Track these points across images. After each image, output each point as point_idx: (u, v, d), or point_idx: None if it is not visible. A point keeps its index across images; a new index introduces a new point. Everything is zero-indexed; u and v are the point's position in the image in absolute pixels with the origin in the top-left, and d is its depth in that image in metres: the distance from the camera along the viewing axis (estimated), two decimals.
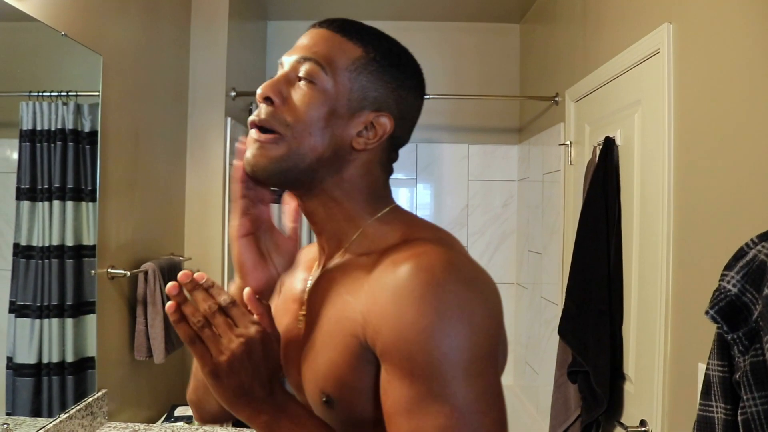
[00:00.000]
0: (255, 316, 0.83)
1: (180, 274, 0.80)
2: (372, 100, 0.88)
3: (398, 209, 0.95)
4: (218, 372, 0.79)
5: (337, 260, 0.93)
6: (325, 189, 0.91)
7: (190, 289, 0.81)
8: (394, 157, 0.97)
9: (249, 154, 0.89)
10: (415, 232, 0.87)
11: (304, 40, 0.91)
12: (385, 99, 0.89)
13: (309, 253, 1.09)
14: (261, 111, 0.88)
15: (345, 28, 0.90)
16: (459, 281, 0.75)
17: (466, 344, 0.73)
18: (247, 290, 0.84)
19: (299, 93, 0.87)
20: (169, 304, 0.80)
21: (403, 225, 0.90)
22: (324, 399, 0.85)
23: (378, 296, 0.78)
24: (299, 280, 1.04)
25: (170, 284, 0.79)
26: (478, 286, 0.78)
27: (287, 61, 0.91)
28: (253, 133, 0.89)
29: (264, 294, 0.94)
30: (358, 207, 0.92)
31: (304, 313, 0.96)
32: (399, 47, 0.93)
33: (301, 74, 0.88)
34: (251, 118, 0.89)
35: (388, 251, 0.83)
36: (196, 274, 0.82)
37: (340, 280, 0.88)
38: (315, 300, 0.93)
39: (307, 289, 0.98)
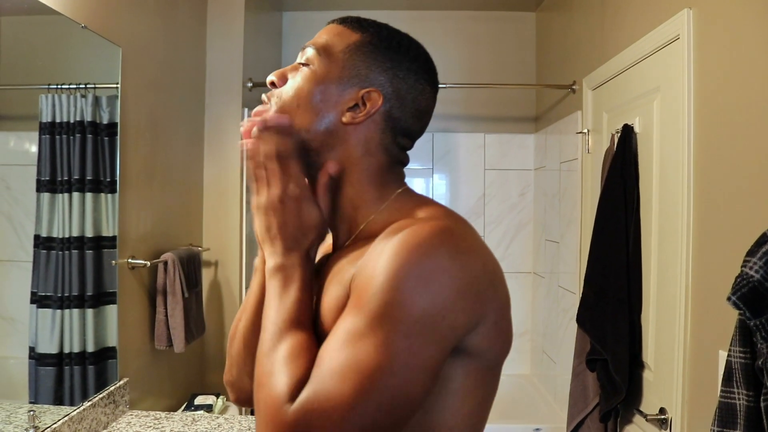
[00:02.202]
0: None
1: (261, 110, 0.95)
2: (363, 78, 0.92)
3: (408, 192, 0.97)
4: (258, 207, 0.90)
5: (348, 247, 0.95)
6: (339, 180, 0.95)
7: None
8: (404, 144, 0.98)
9: None
10: (425, 210, 0.89)
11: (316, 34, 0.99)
12: (377, 77, 0.93)
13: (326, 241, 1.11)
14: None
15: (348, 20, 0.97)
16: (439, 247, 0.77)
17: (413, 304, 0.74)
18: (329, 163, 0.92)
19: (297, 74, 0.96)
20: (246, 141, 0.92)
21: (413, 206, 0.91)
22: None
23: (368, 256, 0.81)
24: (320, 265, 1.06)
25: (246, 124, 0.92)
26: (461, 260, 0.78)
27: (299, 54, 0.99)
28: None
29: None
30: (365, 193, 0.95)
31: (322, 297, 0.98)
32: (401, 35, 0.97)
33: (301, 60, 0.96)
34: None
35: (391, 226, 0.84)
36: (271, 115, 0.93)
37: (344, 262, 0.90)
38: (325, 284, 0.94)
39: (321, 275, 1.00)
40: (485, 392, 0.85)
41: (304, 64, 0.95)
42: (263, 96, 0.99)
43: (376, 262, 0.77)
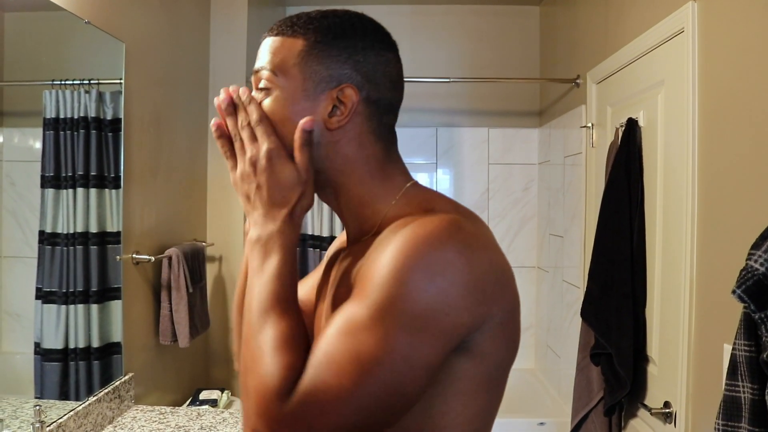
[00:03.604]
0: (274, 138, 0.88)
1: (232, 90, 0.93)
2: (328, 79, 0.89)
3: (417, 186, 0.95)
4: (235, 180, 0.91)
5: (363, 242, 0.93)
6: (329, 178, 0.93)
7: (236, 103, 0.92)
8: (389, 121, 0.95)
9: None
10: (436, 205, 0.87)
11: (258, 55, 0.95)
12: (340, 72, 0.89)
13: (342, 236, 1.11)
14: None
15: (284, 27, 0.92)
16: (447, 241, 0.76)
17: (417, 298, 0.73)
18: (305, 120, 0.88)
19: (264, 105, 0.91)
20: (215, 120, 0.93)
21: (423, 201, 0.89)
22: None
23: (374, 248, 0.81)
24: (333, 260, 1.05)
25: (221, 97, 0.92)
26: (468, 255, 0.77)
27: (253, 76, 0.95)
28: None
29: None
30: (370, 189, 0.93)
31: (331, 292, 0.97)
32: (339, 16, 0.93)
33: (260, 86, 0.92)
34: None
35: (403, 220, 0.83)
36: (241, 90, 0.92)
37: (356, 258, 0.89)
38: (335, 279, 0.94)
39: (333, 269, 1.00)
40: (490, 398, 0.84)
41: (264, 90, 0.92)
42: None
43: (381, 254, 0.77)
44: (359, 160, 0.92)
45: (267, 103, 0.91)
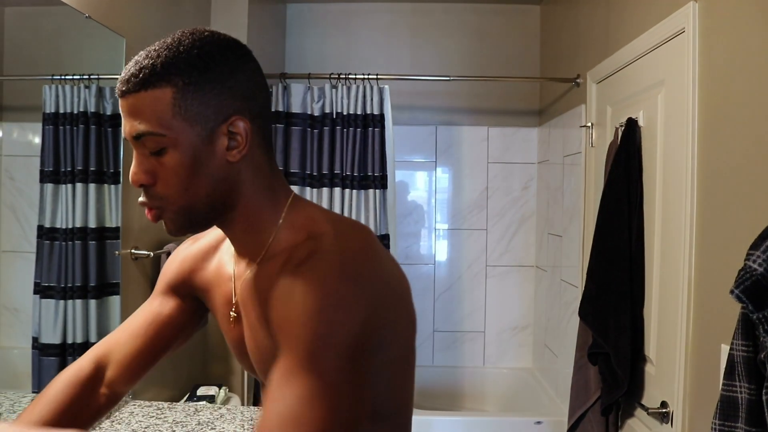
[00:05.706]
0: None
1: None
2: (214, 116, 0.88)
3: (297, 202, 0.98)
4: None
5: (259, 266, 0.97)
6: (232, 207, 0.94)
7: None
8: (269, 125, 0.97)
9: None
10: (317, 226, 0.92)
11: (125, 119, 0.90)
12: (221, 104, 0.88)
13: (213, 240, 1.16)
14: (142, 193, 0.93)
15: (140, 81, 0.87)
16: (339, 276, 0.82)
17: (333, 334, 0.79)
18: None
19: (161, 166, 0.89)
20: None
21: (306, 221, 0.94)
22: None
23: (280, 299, 0.85)
24: (224, 279, 1.07)
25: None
26: (358, 281, 0.83)
27: (133, 142, 0.91)
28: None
29: None
30: (261, 212, 0.95)
31: (234, 315, 1.03)
32: (198, 46, 0.89)
33: (150, 151, 0.89)
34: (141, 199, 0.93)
35: (294, 251, 0.89)
36: None
37: (263, 286, 0.93)
38: (246, 305, 0.99)
39: (234, 293, 1.04)
40: (404, 374, 0.98)
41: (156, 153, 0.88)
42: (141, 199, 0.93)
43: (285, 308, 0.83)
44: (255, 181, 0.94)
45: (170, 162, 0.88)
